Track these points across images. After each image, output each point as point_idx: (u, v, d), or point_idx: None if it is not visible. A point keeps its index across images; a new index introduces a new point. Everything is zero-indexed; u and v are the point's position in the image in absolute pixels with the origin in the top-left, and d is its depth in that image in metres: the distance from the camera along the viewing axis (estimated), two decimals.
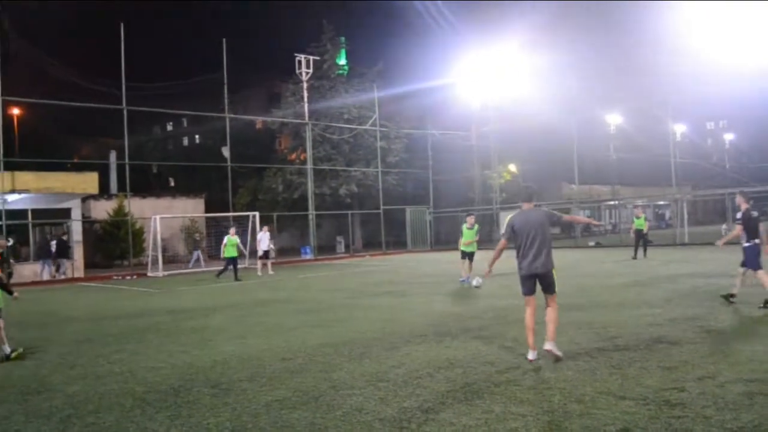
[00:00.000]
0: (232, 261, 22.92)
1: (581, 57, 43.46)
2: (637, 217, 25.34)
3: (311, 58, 39.63)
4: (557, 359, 7.40)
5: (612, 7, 46.72)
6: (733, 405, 5.52)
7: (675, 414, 5.37)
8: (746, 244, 11.27)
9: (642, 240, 24.62)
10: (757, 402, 5.57)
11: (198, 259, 32.81)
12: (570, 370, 7.08)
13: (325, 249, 41.80)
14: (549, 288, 7.68)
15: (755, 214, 11.32)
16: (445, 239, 41.99)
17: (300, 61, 38.81)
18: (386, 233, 41.32)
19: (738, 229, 11.35)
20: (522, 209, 7.90)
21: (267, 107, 52.15)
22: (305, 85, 39.20)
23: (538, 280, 7.69)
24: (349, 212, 41.87)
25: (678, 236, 33.64)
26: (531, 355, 7.55)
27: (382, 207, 40.68)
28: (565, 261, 23.85)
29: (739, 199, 11.56)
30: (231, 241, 22.89)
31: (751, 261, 11.22)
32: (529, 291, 7.75)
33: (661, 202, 50.23)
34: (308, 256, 37.28)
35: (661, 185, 46.27)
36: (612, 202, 53.99)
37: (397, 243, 43.89)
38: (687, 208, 36.12)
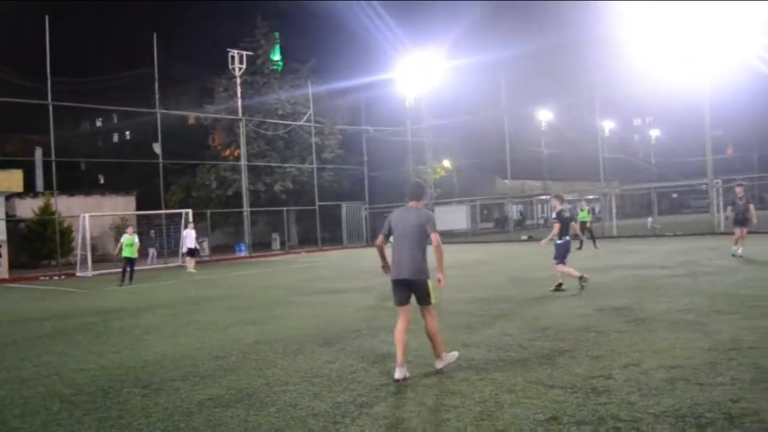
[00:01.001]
0: (129, 262, 22.14)
1: (512, 55, 44.19)
2: (581, 210, 26.07)
3: (244, 53, 39.19)
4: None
5: (542, 6, 47.71)
6: (655, 390, 5.73)
7: (601, 401, 5.53)
8: (559, 241, 12.71)
9: (585, 231, 25.13)
10: (678, 387, 5.79)
11: (153, 257, 32.57)
12: (502, 361, 7.22)
13: (260, 246, 41.49)
14: (422, 299, 6.85)
15: (567, 214, 12.86)
16: None
17: (233, 57, 38.33)
18: (322, 229, 41.31)
19: (556, 227, 12.61)
20: (407, 206, 7.08)
21: (199, 103, 51.25)
22: (239, 80, 38.76)
23: (411, 289, 6.86)
24: (285, 209, 41.59)
25: (606, 229, 34.57)
26: (398, 373, 6.61)
27: (317, 203, 40.55)
28: (497, 255, 24.24)
29: (554, 201, 13.00)
30: (128, 240, 22.08)
31: (561, 255, 12.73)
32: (399, 300, 6.90)
33: (591, 196, 51.50)
34: (243, 254, 36.92)
35: (591, 180, 47.44)
36: (544, 197, 55.13)
37: (333, 239, 43.92)
38: (615, 202, 37.13)
